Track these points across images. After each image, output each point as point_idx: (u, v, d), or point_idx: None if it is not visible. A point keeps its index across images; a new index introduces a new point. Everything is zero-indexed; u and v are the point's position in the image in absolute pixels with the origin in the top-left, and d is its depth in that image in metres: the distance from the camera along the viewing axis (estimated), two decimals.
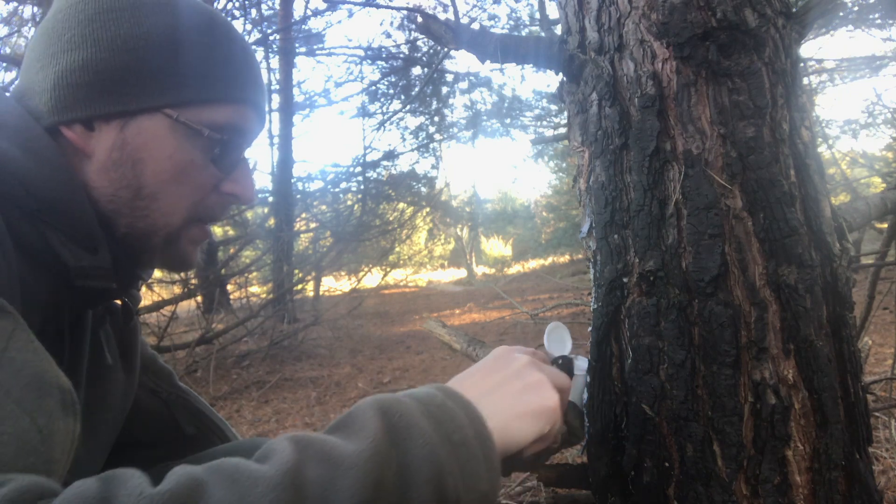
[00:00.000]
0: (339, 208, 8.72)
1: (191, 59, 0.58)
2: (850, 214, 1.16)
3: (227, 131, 0.61)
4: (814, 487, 0.83)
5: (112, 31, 0.56)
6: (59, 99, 0.56)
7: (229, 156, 0.63)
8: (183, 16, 0.59)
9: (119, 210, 0.58)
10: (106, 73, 0.56)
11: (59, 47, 0.56)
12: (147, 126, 0.57)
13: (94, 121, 0.57)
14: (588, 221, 1.04)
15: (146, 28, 0.57)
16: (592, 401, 1.01)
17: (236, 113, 0.62)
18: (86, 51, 0.55)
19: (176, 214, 0.60)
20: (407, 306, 9.67)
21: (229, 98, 0.61)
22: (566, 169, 14.90)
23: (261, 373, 4.25)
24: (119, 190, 0.58)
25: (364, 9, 12.36)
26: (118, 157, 0.57)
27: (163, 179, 0.58)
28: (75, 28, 0.56)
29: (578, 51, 1.05)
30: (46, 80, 0.56)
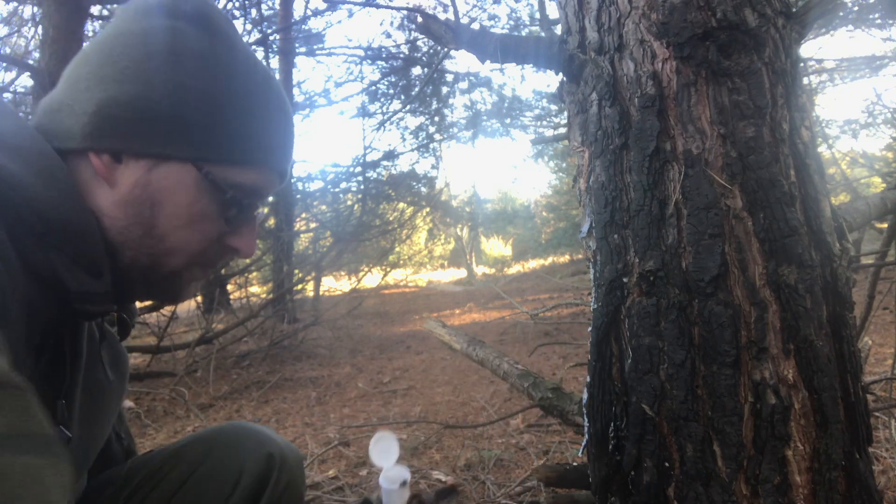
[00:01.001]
0: (339, 208, 8.71)
1: (235, 121, 0.59)
2: (850, 214, 1.16)
3: (248, 193, 0.63)
4: (814, 487, 0.83)
5: (167, 76, 0.56)
6: (97, 126, 0.56)
7: (242, 216, 0.64)
8: (240, 77, 0.60)
9: (126, 242, 0.59)
10: (151, 114, 0.56)
11: (111, 74, 0.56)
12: (174, 173, 0.58)
13: (124, 154, 0.57)
14: (588, 221, 1.04)
15: (200, 81, 0.58)
16: (592, 401, 1.01)
17: (262, 177, 0.64)
18: (137, 87, 0.56)
19: (179, 257, 0.61)
20: (407, 306, 9.67)
21: (258, 163, 0.63)
22: (566, 169, 14.89)
23: (261, 373, 4.25)
24: (132, 225, 0.58)
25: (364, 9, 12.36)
26: (139, 194, 0.58)
27: (175, 225, 0.59)
28: (133, 61, 0.56)
29: (578, 51, 1.05)
30: (90, 102, 0.56)
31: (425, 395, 3.37)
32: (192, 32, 0.59)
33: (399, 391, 3.51)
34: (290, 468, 0.86)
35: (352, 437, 2.51)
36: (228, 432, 0.87)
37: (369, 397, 3.41)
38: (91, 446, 0.70)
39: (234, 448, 0.84)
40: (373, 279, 11.50)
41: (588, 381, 1.04)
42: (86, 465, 0.69)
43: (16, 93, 4.46)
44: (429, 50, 8.41)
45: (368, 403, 3.26)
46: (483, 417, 2.73)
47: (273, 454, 0.84)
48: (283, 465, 0.85)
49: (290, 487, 0.85)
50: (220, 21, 0.61)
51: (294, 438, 2.59)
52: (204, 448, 0.84)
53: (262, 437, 0.87)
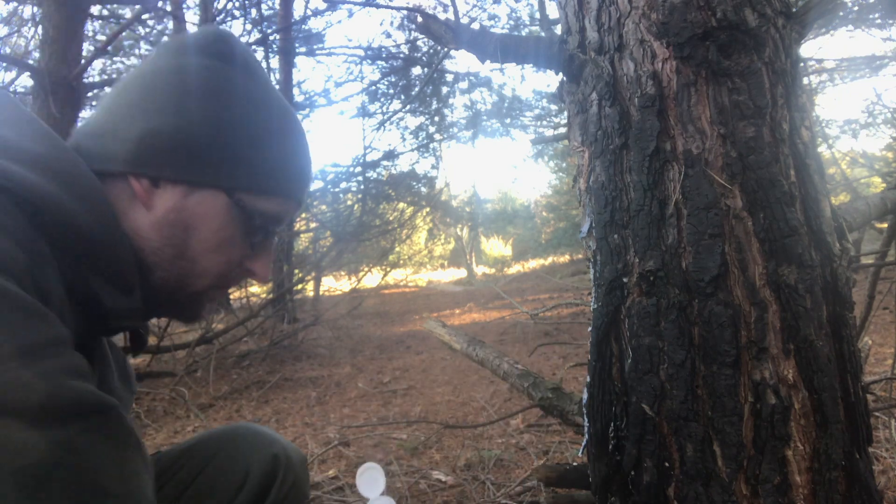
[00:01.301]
0: (339, 208, 8.71)
1: (264, 153, 0.65)
2: (850, 214, 1.16)
3: (273, 221, 0.68)
4: (814, 487, 0.83)
5: (205, 110, 0.62)
6: (139, 153, 0.60)
7: (264, 241, 0.70)
8: (269, 112, 0.66)
9: (159, 263, 0.63)
10: (189, 144, 0.61)
11: (153, 106, 0.61)
12: (209, 199, 0.63)
13: (163, 180, 0.62)
14: (588, 221, 1.04)
15: (237, 117, 0.63)
16: (592, 401, 1.01)
17: (284, 206, 0.69)
18: (178, 119, 0.61)
19: (205, 279, 0.66)
20: (407, 306, 9.67)
21: (284, 193, 0.68)
22: (566, 169, 14.89)
23: (261, 373, 4.25)
24: (165, 247, 0.63)
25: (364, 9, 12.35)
26: (174, 218, 0.62)
27: (205, 248, 0.64)
28: (174, 95, 0.62)
29: (578, 51, 1.05)
30: (132, 130, 0.61)
31: (425, 395, 3.37)
32: (227, 71, 0.65)
33: (399, 391, 3.51)
34: (294, 468, 0.88)
35: (352, 437, 2.51)
36: (235, 433, 0.89)
37: (369, 397, 3.41)
38: None
39: (241, 448, 0.87)
40: (373, 279, 11.50)
41: (588, 381, 1.04)
42: None
43: (16, 93, 4.46)
44: (429, 50, 8.40)
45: (368, 403, 3.26)
46: (483, 417, 2.73)
47: (278, 455, 0.86)
48: (288, 465, 0.87)
49: (295, 487, 0.87)
50: (251, 61, 0.68)
51: (294, 438, 2.59)
52: (211, 448, 0.86)
53: (267, 437, 0.89)
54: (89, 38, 5.78)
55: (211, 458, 0.85)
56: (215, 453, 0.86)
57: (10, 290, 0.43)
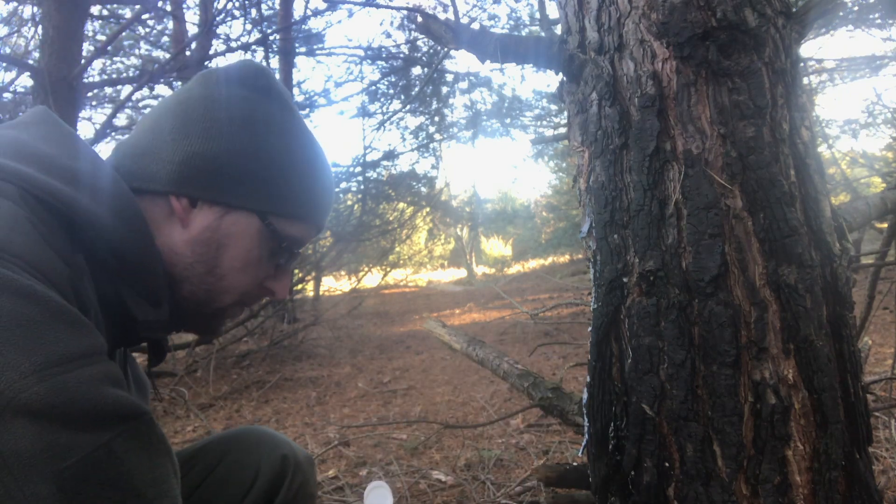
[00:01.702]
0: (339, 208, 8.71)
1: (296, 181, 0.69)
2: (850, 214, 1.16)
3: (297, 243, 0.72)
4: (814, 487, 0.83)
5: (245, 138, 0.66)
6: (181, 174, 0.64)
7: (287, 262, 0.74)
8: (301, 144, 0.70)
9: (189, 278, 0.67)
10: (230, 169, 0.65)
11: (196, 132, 0.65)
12: (242, 221, 0.67)
13: (201, 200, 0.66)
14: (588, 221, 1.04)
15: (272, 146, 0.67)
16: (592, 401, 1.01)
17: (307, 230, 0.73)
18: (220, 146, 0.65)
19: (230, 296, 0.70)
20: (407, 306, 9.66)
21: (309, 219, 0.72)
22: (566, 169, 14.88)
23: (261, 373, 4.25)
24: (197, 263, 0.66)
25: (364, 9, 12.36)
26: (208, 237, 0.66)
27: (234, 267, 0.68)
28: (216, 122, 0.66)
29: (578, 51, 1.05)
30: (176, 153, 0.65)
31: (425, 395, 3.37)
32: (265, 102, 0.69)
33: (399, 391, 3.51)
34: (303, 469, 0.90)
35: (352, 437, 2.51)
36: (245, 435, 0.92)
37: (369, 397, 3.41)
38: None
39: (251, 449, 0.89)
40: (373, 279, 11.50)
41: (588, 381, 1.04)
42: None
43: (16, 93, 4.45)
44: (429, 50, 8.40)
45: (368, 403, 3.26)
46: (483, 417, 2.73)
47: (287, 455, 0.89)
48: (296, 466, 0.89)
49: (303, 488, 0.90)
50: (285, 95, 0.72)
51: (294, 438, 2.59)
52: (221, 449, 0.89)
53: (276, 439, 0.92)
54: (89, 38, 5.78)
55: (221, 458, 0.87)
56: (226, 454, 0.88)
57: (55, 300, 0.45)
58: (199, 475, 0.86)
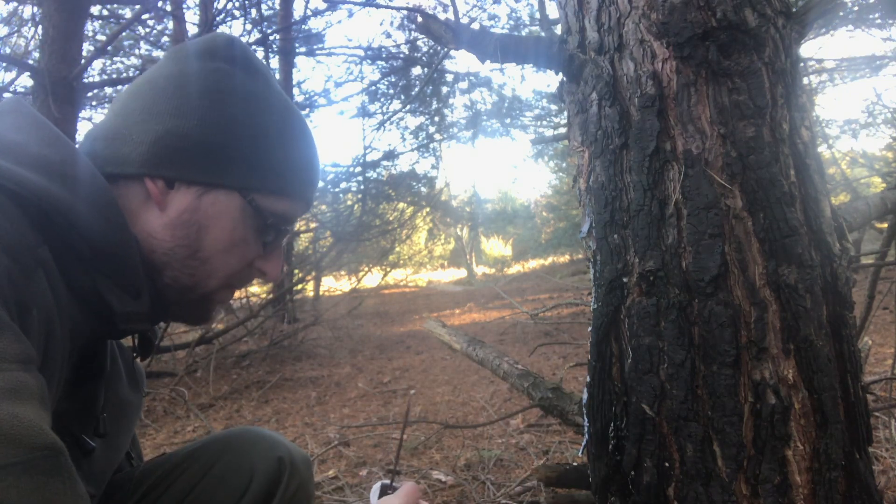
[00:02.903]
0: (339, 208, 8.71)
1: (275, 154, 0.66)
2: (850, 214, 1.16)
3: (283, 220, 0.69)
4: (814, 487, 0.83)
5: (218, 114, 0.62)
6: (154, 155, 0.61)
7: (275, 241, 0.70)
8: (278, 115, 0.67)
9: (170, 263, 0.64)
10: (203, 147, 0.62)
11: (166, 109, 0.62)
12: (222, 200, 0.64)
13: (178, 181, 0.62)
14: (588, 221, 1.04)
15: (247, 118, 0.64)
16: (592, 401, 1.01)
17: (294, 206, 0.70)
18: (190, 122, 0.61)
19: (216, 279, 0.66)
20: (407, 306, 9.67)
21: (294, 194, 0.69)
22: (566, 169, 14.88)
23: (261, 373, 4.25)
24: (178, 247, 0.63)
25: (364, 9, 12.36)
26: (188, 219, 0.63)
27: (218, 248, 0.65)
28: (187, 98, 0.62)
29: (578, 51, 1.05)
30: (147, 134, 0.61)
31: (425, 395, 3.37)
32: (237, 74, 0.65)
33: (399, 391, 3.51)
34: (300, 472, 0.87)
35: (352, 437, 2.51)
36: (239, 437, 0.89)
37: (369, 397, 3.41)
38: (112, 457, 0.72)
39: (245, 452, 0.86)
40: (373, 279, 11.50)
41: (588, 381, 1.04)
42: (107, 474, 0.72)
43: (16, 93, 4.46)
44: (429, 50, 8.40)
45: (368, 403, 3.26)
46: (483, 417, 2.73)
47: (283, 458, 0.86)
48: (293, 469, 0.86)
49: (300, 490, 0.87)
50: (259, 65, 0.68)
51: (294, 438, 2.59)
52: (215, 452, 0.86)
53: (272, 441, 0.89)
54: (89, 38, 5.78)
55: (215, 461, 0.85)
56: (219, 457, 0.85)
57: None
58: (193, 478, 0.84)
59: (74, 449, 0.61)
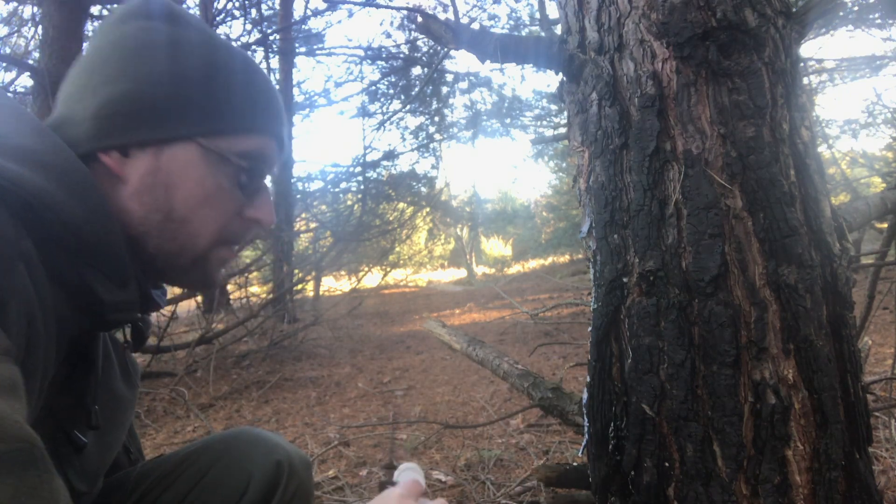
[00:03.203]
0: (339, 208, 8.72)
1: (223, 93, 0.63)
2: (850, 214, 1.16)
3: (253, 159, 0.66)
4: (814, 487, 0.83)
5: (150, 67, 0.61)
6: (99, 127, 0.60)
7: (253, 182, 0.67)
8: (215, 54, 0.64)
9: (149, 232, 0.62)
10: (144, 104, 0.60)
11: (99, 80, 0.61)
12: (180, 153, 0.61)
13: (131, 148, 0.61)
14: (588, 221, 1.04)
15: (183, 64, 0.62)
16: (592, 401, 1.01)
17: (260, 143, 0.67)
18: (125, 84, 0.60)
19: (203, 237, 0.64)
20: (407, 306, 9.67)
21: (255, 129, 0.66)
22: (566, 169, 14.88)
23: (261, 373, 4.25)
24: (150, 213, 0.61)
25: (364, 9, 12.36)
26: (151, 182, 0.61)
27: (192, 204, 0.62)
28: (116, 63, 0.61)
29: (578, 51, 1.05)
30: (87, 109, 0.60)
31: (425, 395, 3.37)
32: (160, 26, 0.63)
33: (399, 391, 3.51)
34: (298, 474, 0.86)
35: (352, 437, 2.51)
36: (237, 439, 0.88)
37: (369, 397, 3.41)
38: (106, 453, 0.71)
39: (243, 455, 0.85)
40: (373, 279, 11.50)
41: (588, 381, 1.04)
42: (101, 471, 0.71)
43: (16, 93, 4.46)
44: (429, 50, 8.41)
45: (368, 403, 3.26)
46: (483, 417, 2.73)
47: (281, 462, 0.84)
48: (291, 472, 0.85)
49: (299, 493, 0.85)
50: (183, 13, 0.66)
51: (294, 438, 2.59)
52: (212, 455, 0.85)
53: (270, 444, 0.87)
54: (89, 38, 5.78)
55: (213, 464, 0.84)
56: (217, 459, 0.84)
57: None
58: (189, 481, 0.82)
59: (66, 445, 0.60)
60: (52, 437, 0.59)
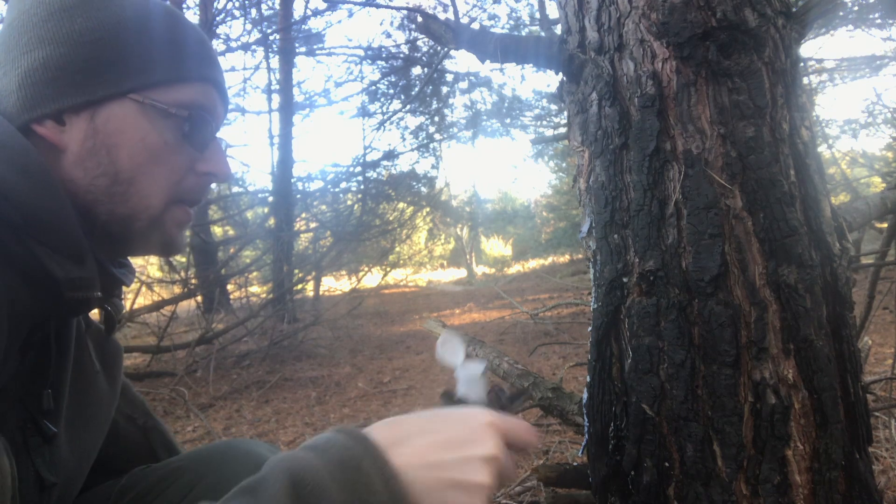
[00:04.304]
0: (339, 208, 8.72)
1: (147, 44, 0.61)
2: (850, 214, 1.16)
3: (193, 108, 0.63)
4: (814, 487, 0.83)
5: (67, 28, 0.58)
6: (26, 98, 0.57)
7: (199, 133, 0.64)
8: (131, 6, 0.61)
9: (97, 199, 0.59)
10: (67, 67, 0.57)
11: (18, 51, 0.58)
12: (116, 112, 0.59)
13: (64, 114, 0.58)
14: (588, 221, 1.04)
15: (99, 20, 0.59)
16: (592, 401, 1.01)
17: (199, 91, 0.65)
18: (45, 49, 0.57)
19: (155, 197, 0.62)
20: (407, 306, 9.66)
21: (190, 77, 0.64)
22: (566, 169, 14.88)
23: (261, 373, 4.25)
24: (96, 178, 0.59)
25: (364, 9, 12.37)
26: (91, 146, 0.59)
27: (138, 163, 0.60)
28: (31, 30, 0.58)
29: (578, 51, 1.05)
30: (11, 82, 0.58)
31: (425, 394, 3.37)
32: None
33: (399, 391, 3.51)
34: None
35: None
36: (226, 453, 0.84)
37: (369, 397, 3.41)
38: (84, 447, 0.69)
39: (232, 470, 0.81)
40: (373, 279, 11.50)
41: (588, 381, 1.04)
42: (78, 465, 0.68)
43: None
44: (429, 50, 8.41)
45: (368, 403, 3.26)
46: None
47: None
48: None
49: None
50: None
51: (294, 438, 2.58)
52: (201, 468, 0.81)
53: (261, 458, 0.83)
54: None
55: (200, 478, 0.80)
56: (205, 474, 0.80)
57: None
58: (177, 494, 0.78)
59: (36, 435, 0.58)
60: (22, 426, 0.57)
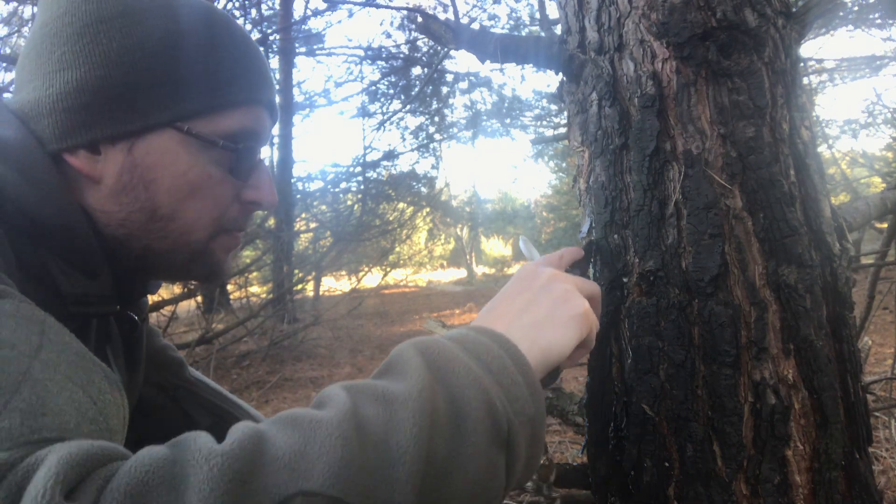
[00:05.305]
0: (339, 208, 8.73)
1: (193, 66, 0.54)
2: (850, 214, 1.16)
3: (243, 138, 0.58)
4: (814, 487, 0.83)
5: (104, 46, 0.52)
6: (57, 125, 0.53)
7: (246, 163, 0.59)
8: (178, 18, 0.55)
9: (132, 233, 0.56)
10: (103, 91, 0.52)
11: (50, 67, 0.53)
12: (156, 144, 0.54)
13: (99, 144, 0.54)
14: (588, 221, 1.04)
15: (139, 37, 0.53)
16: (592, 401, 1.01)
17: (249, 116, 0.59)
18: (78, 70, 0.52)
19: (198, 231, 0.58)
20: (407, 306, 9.67)
21: (240, 101, 0.58)
22: (566, 169, 14.89)
23: (261, 373, 4.25)
24: (132, 214, 0.55)
25: (364, 9, 12.37)
26: (128, 180, 0.54)
27: (179, 198, 0.55)
28: (65, 45, 0.52)
29: (578, 51, 1.05)
30: (42, 104, 0.53)
31: None
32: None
33: None
34: None
35: None
36: None
37: None
38: None
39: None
40: (373, 279, 11.51)
41: (588, 381, 1.04)
42: None
43: None
44: (429, 50, 8.41)
45: None
46: None
47: None
48: None
49: None
50: None
51: None
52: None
53: None
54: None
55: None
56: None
57: None
58: None
59: None
60: None
